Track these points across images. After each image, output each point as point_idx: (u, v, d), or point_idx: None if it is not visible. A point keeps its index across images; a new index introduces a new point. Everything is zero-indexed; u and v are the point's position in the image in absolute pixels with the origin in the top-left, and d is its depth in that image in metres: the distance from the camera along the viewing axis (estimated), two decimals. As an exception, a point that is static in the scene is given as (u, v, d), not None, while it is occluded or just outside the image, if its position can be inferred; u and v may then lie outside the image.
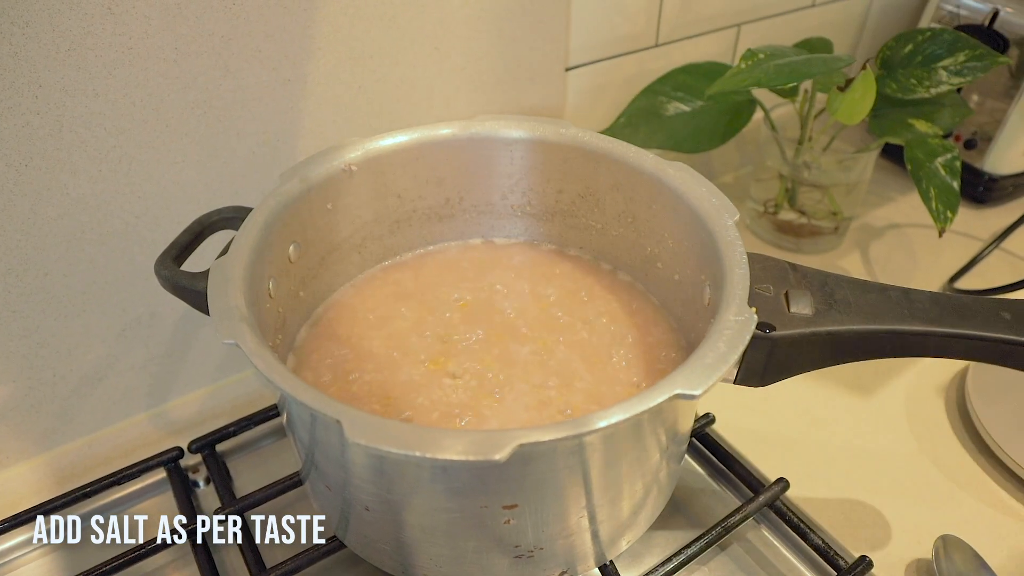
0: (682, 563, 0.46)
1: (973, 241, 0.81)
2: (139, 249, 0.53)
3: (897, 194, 0.88)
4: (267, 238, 0.43)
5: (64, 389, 0.55)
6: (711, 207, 0.44)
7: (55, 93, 0.45)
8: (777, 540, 0.51)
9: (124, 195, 0.51)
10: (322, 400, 0.33)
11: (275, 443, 0.58)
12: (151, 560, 0.49)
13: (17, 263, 0.49)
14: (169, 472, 0.54)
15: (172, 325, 0.58)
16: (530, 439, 0.31)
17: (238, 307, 0.37)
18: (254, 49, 0.51)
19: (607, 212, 0.53)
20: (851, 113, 0.65)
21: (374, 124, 0.59)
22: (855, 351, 0.41)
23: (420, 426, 0.41)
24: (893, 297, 0.41)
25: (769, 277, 0.42)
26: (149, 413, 0.60)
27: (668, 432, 0.40)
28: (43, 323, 0.52)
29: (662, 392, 0.33)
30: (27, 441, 0.55)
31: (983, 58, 0.66)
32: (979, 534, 0.50)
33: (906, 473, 0.55)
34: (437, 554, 0.40)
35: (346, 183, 0.49)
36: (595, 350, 0.48)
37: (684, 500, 0.53)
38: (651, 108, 0.72)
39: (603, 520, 0.41)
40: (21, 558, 0.51)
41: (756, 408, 0.60)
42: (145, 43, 0.46)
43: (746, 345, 0.36)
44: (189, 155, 0.52)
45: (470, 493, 0.36)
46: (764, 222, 0.80)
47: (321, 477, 0.41)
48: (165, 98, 0.49)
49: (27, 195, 0.47)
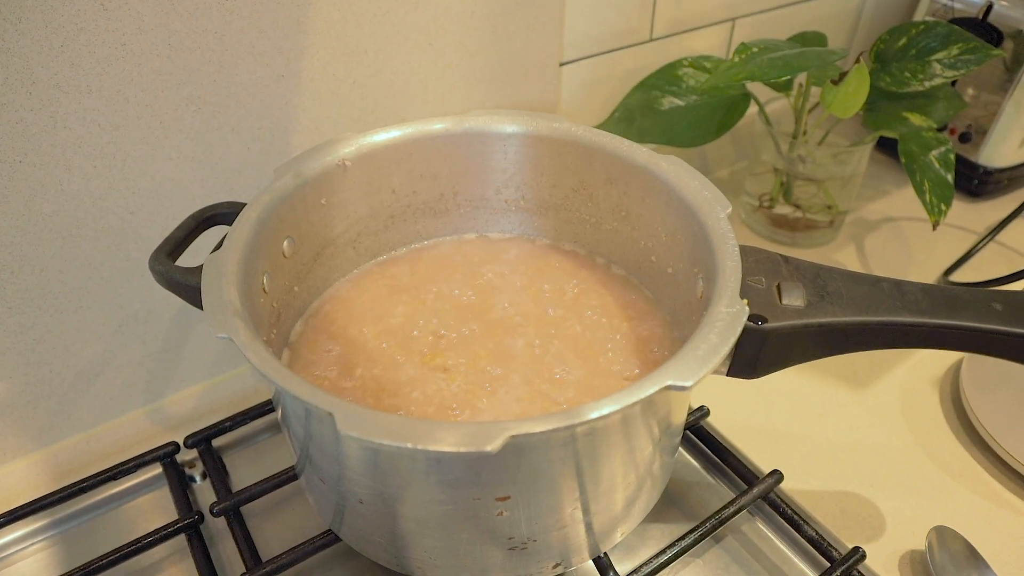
0: (676, 555, 0.47)
1: (968, 234, 0.81)
2: (134, 245, 0.53)
3: (892, 187, 0.88)
4: (261, 233, 0.43)
5: (61, 385, 0.55)
6: (704, 200, 0.44)
7: (49, 89, 0.45)
8: (771, 532, 0.51)
9: (119, 191, 0.51)
10: (315, 393, 0.33)
11: (271, 438, 0.59)
12: (148, 554, 0.49)
13: (12, 259, 0.49)
14: (165, 467, 0.54)
15: (168, 321, 0.58)
16: (522, 430, 0.31)
17: (232, 302, 0.38)
18: (247, 45, 0.51)
19: (601, 206, 0.53)
20: (845, 107, 0.65)
21: (368, 119, 0.59)
22: (848, 343, 0.41)
23: (413, 418, 0.41)
24: (885, 289, 0.41)
25: (761, 269, 0.42)
26: (146, 409, 0.60)
27: (661, 424, 0.40)
28: (39, 319, 0.52)
29: (654, 383, 0.33)
30: (24, 437, 0.56)
31: (977, 51, 0.66)
32: (973, 525, 0.50)
33: (900, 465, 0.56)
34: (431, 546, 0.41)
35: (340, 178, 0.49)
36: (589, 343, 0.48)
37: (678, 492, 0.54)
38: (646, 103, 0.72)
39: (597, 512, 0.41)
40: (18, 553, 0.51)
41: (750, 401, 0.60)
42: (138, 39, 0.47)
43: (737, 337, 0.36)
44: (183, 151, 0.52)
45: (463, 485, 0.36)
46: (759, 216, 0.80)
47: (316, 471, 0.41)
48: (159, 94, 0.49)
49: (22, 191, 0.47)
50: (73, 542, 0.52)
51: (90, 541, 0.52)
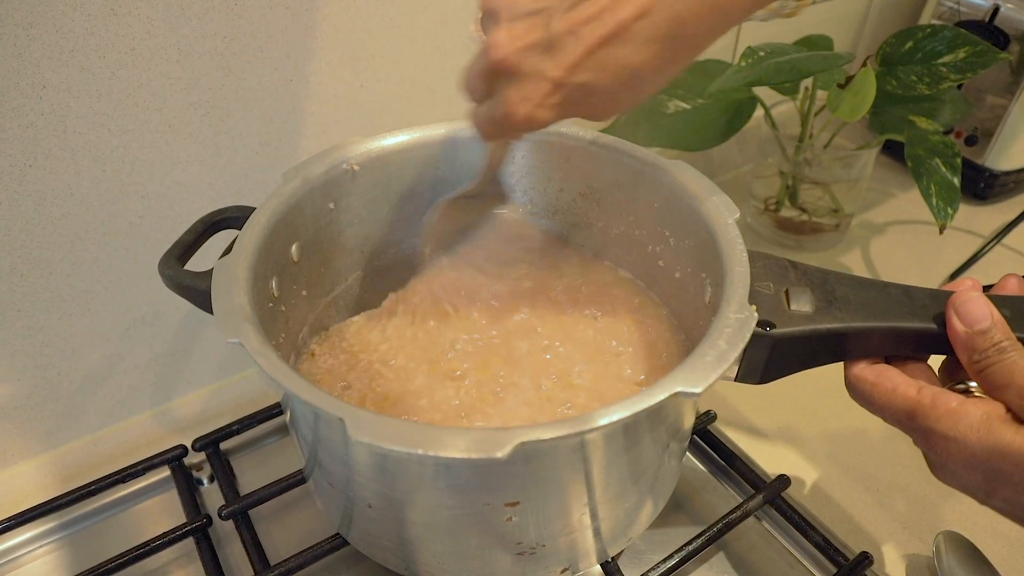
0: (683, 559, 0.47)
1: (974, 238, 0.81)
2: (143, 249, 0.53)
3: (898, 191, 0.88)
4: (270, 237, 0.43)
5: (68, 388, 0.55)
6: (712, 205, 0.44)
7: (59, 94, 0.45)
8: (778, 536, 0.51)
9: (128, 195, 0.51)
10: (325, 398, 0.33)
11: (278, 441, 0.59)
12: (156, 557, 0.49)
13: (22, 262, 0.49)
14: (173, 470, 0.54)
15: (175, 324, 0.58)
16: (531, 437, 0.31)
17: (242, 306, 0.38)
18: (256, 49, 0.51)
19: (608, 210, 0.53)
20: (852, 110, 0.65)
21: (376, 123, 0.59)
22: (855, 349, 0.41)
23: (423, 424, 0.41)
24: (893, 294, 0.41)
25: (769, 275, 0.42)
26: (153, 412, 0.60)
27: (669, 429, 0.40)
28: (47, 322, 0.52)
29: (663, 390, 0.33)
30: (32, 439, 0.56)
31: (983, 54, 0.66)
32: (980, 530, 0.50)
33: (907, 470, 0.56)
34: (440, 551, 0.41)
35: (348, 183, 0.49)
36: (596, 348, 0.48)
37: (686, 497, 0.54)
38: (652, 106, 0.72)
39: (605, 517, 0.41)
40: (27, 555, 0.52)
41: (757, 406, 0.60)
42: (148, 44, 0.47)
43: (746, 343, 0.36)
44: (192, 155, 0.52)
45: (472, 490, 0.36)
46: (765, 220, 0.80)
47: (324, 475, 0.42)
48: (168, 98, 0.49)
49: (31, 195, 0.47)
50: (81, 545, 0.52)
51: (98, 544, 0.52)
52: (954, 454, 0.37)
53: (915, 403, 0.38)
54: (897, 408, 0.38)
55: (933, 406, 0.37)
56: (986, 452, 0.35)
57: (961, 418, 0.36)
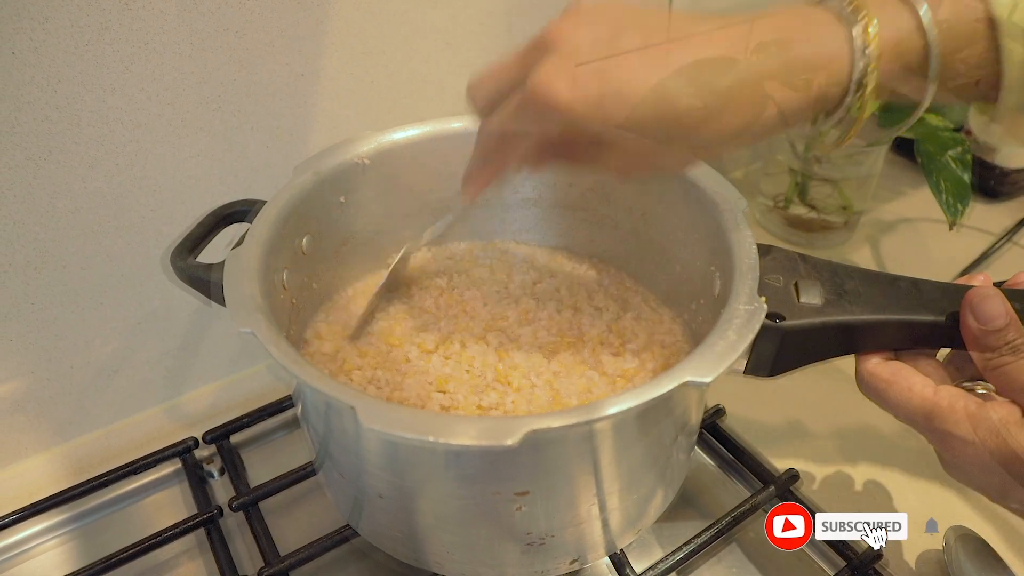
0: (691, 553, 0.47)
1: (985, 235, 0.80)
2: (155, 242, 0.54)
3: (908, 188, 0.88)
4: (281, 230, 0.44)
5: (81, 381, 0.56)
6: (720, 198, 0.44)
7: (73, 88, 0.46)
8: (787, 531, 0.51)
9: (140, 189, 0.51)
10: (336, 387, 0.33)
11: (288, 435, 0.59)
12: (166, 549, 0.50)
13: (36, 256, 0.50)
14: (184, 463, 0.55)
15: (186, 318, 0.58)
16: (541, 425, 0.31)
17: (254, 297, 0.38)
18: (268, 44, 0.51)
19: (618, 205, 0.53)
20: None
21: (386, 118, 0.59)
22: (865, 341, 0.41)
23: (433, 412, 0.41)
24: (903, 288, 0.41)
25: (779, 268, 0.42)
26: (164, 405, 0.61)
27: (678, 421, 0.40)
28: (61, 315, 0.52)
29: (672, 379, 0.33)
30: (45, 432, 0.56)
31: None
32: (990, 525, 0.50)
33: (917, 465, 0.55)
34: (449, 542, 0.41)
35: (359, 176, 0.49)
36: (605, 340, 0.48)
37: (694, 491, 0.54)
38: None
39: (613, 509, 0.41)
40: (39, 546, 0.52)
41: (766, 400, 0.60)
42: (161, 38, 0.47)
43: (755, 334, 0.36)
44: (204, 149, 0.52)
45: (482, 479, 0.37)
46: (774, 217, 0.80)
47: (335, 465, 0.42)
48: (180, 93, 0.49)
49: (46, 188, 0.48)
50: (92, 536, 0.53)
51: (109, 535, 0.52)
52: (971, 457, 0.36)
53: (932, 405, 0.37)
54: (913, 408, 0.38)
55: (951, 409, 0.37)
56: (1004, 457, 0.35)
57: (980, 423, 0.36)
